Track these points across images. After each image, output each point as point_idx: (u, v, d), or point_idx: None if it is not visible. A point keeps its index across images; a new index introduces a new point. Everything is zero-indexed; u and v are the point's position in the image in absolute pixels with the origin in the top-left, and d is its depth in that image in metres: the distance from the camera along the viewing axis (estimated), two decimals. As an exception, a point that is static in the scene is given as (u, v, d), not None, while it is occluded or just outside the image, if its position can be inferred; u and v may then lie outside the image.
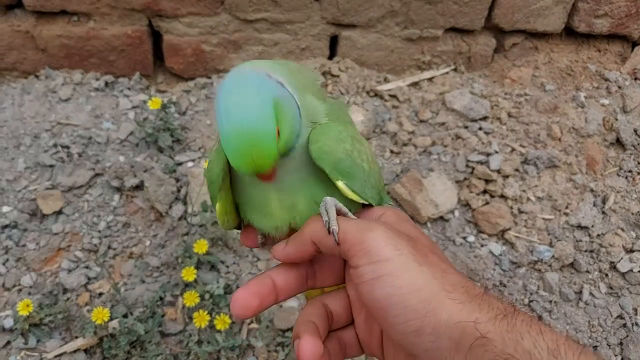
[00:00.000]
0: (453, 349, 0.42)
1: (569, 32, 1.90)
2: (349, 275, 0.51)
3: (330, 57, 1.81)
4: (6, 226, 1.39)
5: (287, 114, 0.45)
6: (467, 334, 0.41)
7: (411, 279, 0.43)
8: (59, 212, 1.43)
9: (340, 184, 0.50)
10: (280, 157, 0.46)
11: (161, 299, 1.31)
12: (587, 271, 1.47)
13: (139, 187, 1.47)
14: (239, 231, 0.58)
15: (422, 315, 0.42)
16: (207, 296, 1.27)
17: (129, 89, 1.70)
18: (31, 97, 1.62)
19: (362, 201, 0.52)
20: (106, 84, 1.69)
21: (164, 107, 1.52)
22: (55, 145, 1.50)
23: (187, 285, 1.30)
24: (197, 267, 1.31)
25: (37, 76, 1.70)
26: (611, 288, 1.45)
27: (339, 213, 0.49)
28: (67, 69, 1.72)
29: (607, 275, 1.46)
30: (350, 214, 0.49)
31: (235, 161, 0.44)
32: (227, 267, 1.38)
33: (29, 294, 1.32)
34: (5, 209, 1.41)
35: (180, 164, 1.52)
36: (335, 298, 0.53)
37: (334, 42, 1.79)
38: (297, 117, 0.47)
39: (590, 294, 1.43)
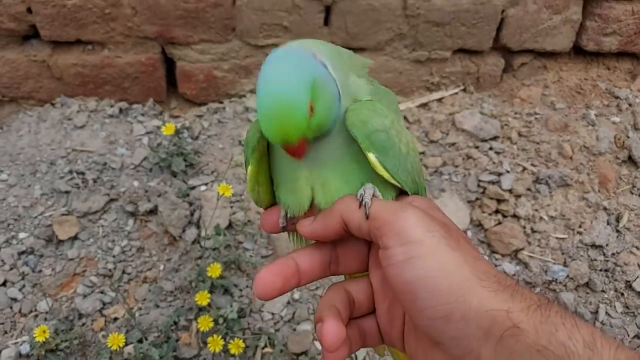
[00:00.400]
0: (482, 337, 0.40)
1: (578, 51, 1.91)
2: (374, 261, 0.51)
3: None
4: (23, 252, 1.41)
5: (325, 96, 0.45)
6: (497, 323, 0.40)
7: (443, 263, 0.42)
8: (74, 238, 1.44)
9: (371, 156, 0.48)
10: (316, 138, 0.47)
11: (175, 323, 1.31)
12: (603, 290, 1.45)
13: (153, 211, 1.49)
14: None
15: (453, 300, 0.41)
16: (220, 320, 1.27)
17: (142, 115, 1.73)
18: (47, 124, 1.66)
19: (394, 182, 0.50)
20: (120, 110, 1.72)
21: (177, 132, 1.55)
22: (70, 172, 1.53)
23: (201, 310, 1.30)
24: (211, 291, 1.32)
25: (52, 104, 1.74)
26: (627, 307, 1.43)
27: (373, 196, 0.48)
28: (82, 96, 1.75)
29: (622, 294, 1.44)
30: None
31: (264, 126, 0.44)
32: (241, 290, 1.38)
33: (45, 319, 1.33)
34: (21, 235, 1.44)
35: (193, 187, 1.54)
36: (357, 285, 0.51)
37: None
38: (337, 102, 0.47)
39: (607, 313, 1.41)
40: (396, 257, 0.43)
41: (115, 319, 1.34)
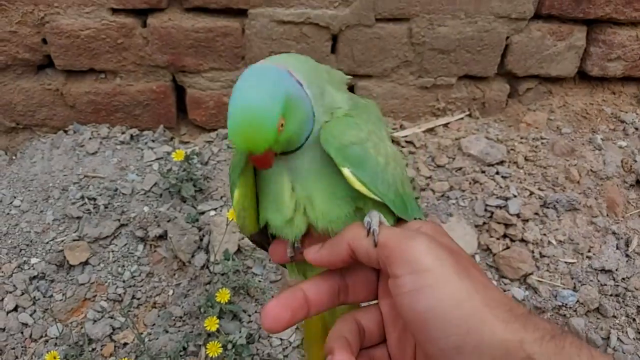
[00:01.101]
0: None
1: (583, 76, 1.93)
2: (383, 289, 0.50)
3: (347, 106, 1.86)
4: (34, 277, 1.43)
5: (297, 113, 0.46)
6: (511, 354, 0.39)
7: (453, 292, 0.41)
8: (85, 263, 1.46)
9: (346, 171, 0.48)
10: (288, 151, 0.48)
11: (184, 349, 1.32)
12: (614, 316, 1.44)
13: (163, 236, 1.50)
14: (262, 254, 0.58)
15: (464, 331, 0.40)
16: (229, 346, 1.27)
17: (153, 141, 1.76)
18: (60, 151, 1.69)
19: (371, 195, 0.49)
20: (131, 137, 1.75)
21: (187, 158, 1.57)
22: (82, 198, 1.55)
23: (210, 335, 1.31)
24: (220, 317, 1.32)
25: (65, 131, 1.78)
26: (639, 333, 1.41)
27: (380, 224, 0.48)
28: (94, 123, 1.79)
29: (634, 320, 1.43)
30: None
31: (232, 133, 0.44)
32: (250, 316, 1.38)
33: (55, 344, 1.34)
34: (33, 260, 1.45)
35: (202, 213, 1.56)
36: (367, 314, 0.50)
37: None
38: (309, 120, 0.48)
39: (619, 339, 1.40)
40: (406, 286, 0.43)
41: (125, 344, 1.34)
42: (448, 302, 0.41)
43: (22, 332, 1.36)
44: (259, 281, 1.44)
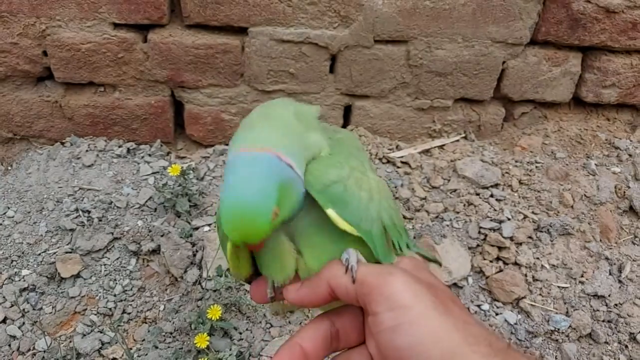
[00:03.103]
0: None
1: (578, 102, 1.95)
2: (367, 327, 0.49)
3: (344, 126, 1.87)
4: (24, 289, 1.42)
5: (290, 197, 0.46)
6: None
7: (432, 329, 0.41)
8: (76, 276, 1.45)
9: (330, 212, 0.48)
10: (282, 223, 0.47)
11: (173, 365, 1.30)
12: (606, 342, 1.43)
13: (156, 251, 1.50)
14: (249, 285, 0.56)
15: None
16: (219, 363, 1.26)
17: (149, 155, 1.76)
18: (56, 163, 1.69)
19: (356, 233, 0.49)
20: (128, 150, 1.76)
21: (183, 173, 1.57)
22: (76, 210, 1.55)
23: (200, 352, 1.30)
24: (210, 334, 1.31)
25: (62, 143, 1.78)
26: (632, 360, 1.41)
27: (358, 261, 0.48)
28: (92, 136, 1.79)
29: (626, 346, 1.43)
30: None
31: (226, 229, 0.44)
32: (240, 333, 1.37)
33: (43, 358, 1.32)
34: (24, 272, 1.44)
35: (196, 228, 1.55)
36: (359, 354, 0.50)
37: (347, 111, 1.85)
38: (301, 197, 0.48)
39: (611, 366, 1.40)
40: (385, 323, 0.43)
41: (114, 359, 1.33)
42: (427, 339, 0.41)
43: (9, 345, 1.34)
44: (251, 298, 1.43)
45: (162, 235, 1.51)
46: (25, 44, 1.62)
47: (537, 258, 1.54)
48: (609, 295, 1.49)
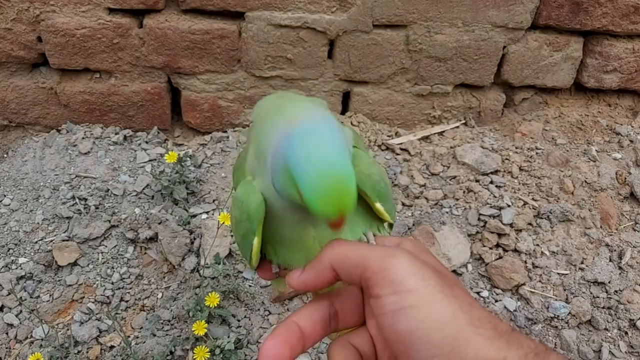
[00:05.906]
0: None
1: (579, 87, 1.93)
2: (369, 309, 0.48)
3: (343, 112, 1.85)
4: (21, 277, 1.41)
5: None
6: None
7: (436, 312, 0.40)
8: (73, 264, 1.44)
9: (378, 206, 0.51)
10: None
11: (171, 353, 1.30)
12: (606, 329, 1.43)
13: (153, 239, 1.49)
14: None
15: (447, 351, 0.39)
16: (217, 351, 1.25)
17: (146, 142, 1.74)
18: (52, 150, 1.67)
19: (392, 221, 0.53)
20: (125, 137, 1.74)
21: (180, 160, 1.56)
22: (73, 198, 1.54)
23: (198, 340, 1.29)
24: (208, 321, 1.31)
25: (58, 130, 1.76)
26: (632, 347, 1.40)
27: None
28: (88, 123, 1.78)
29: (626, 333, 1.42)
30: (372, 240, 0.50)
31: (321, 206, 0.41)
32: (239, 321, 1.37)
33: (41, 346, 1.32)
34: (21, 260, 1.44)
35: (194, 216, 1.54)
36: (360, 337, 0.48)
37: (346, 97, 1.83)
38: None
39: (610, 352, 1.39)
40: (388, 307, 0.41)
41: (112, 347, 1.32)
42: (431, 323, 0.40)
43: (7, 333, 1.34)
44: (249, 286, 1.42)
45: (159, 223, 1.49)
46: (20, 29, 1.60)
47: (537, 245, 1.53)
48: (609, 282, 1.48)
